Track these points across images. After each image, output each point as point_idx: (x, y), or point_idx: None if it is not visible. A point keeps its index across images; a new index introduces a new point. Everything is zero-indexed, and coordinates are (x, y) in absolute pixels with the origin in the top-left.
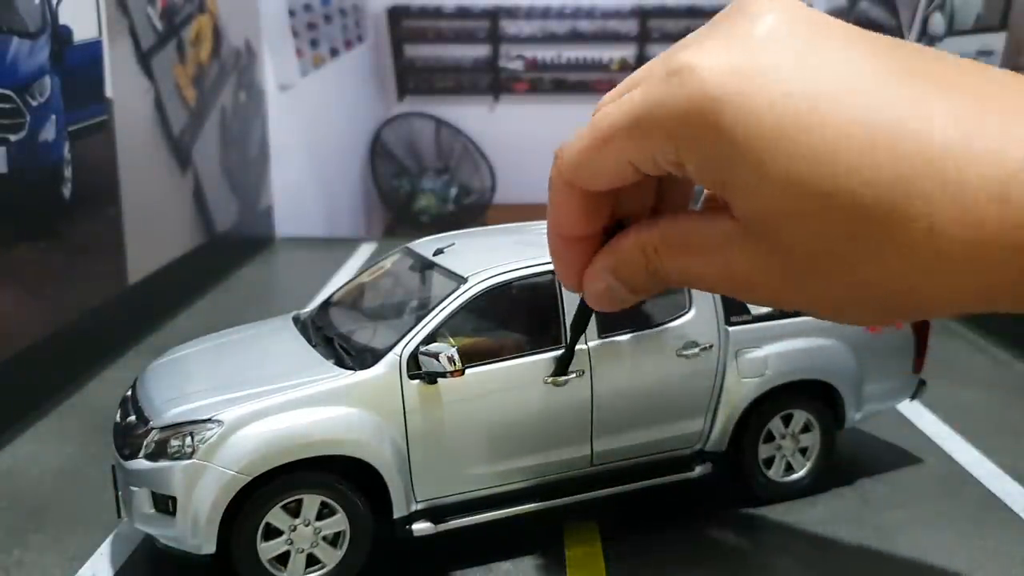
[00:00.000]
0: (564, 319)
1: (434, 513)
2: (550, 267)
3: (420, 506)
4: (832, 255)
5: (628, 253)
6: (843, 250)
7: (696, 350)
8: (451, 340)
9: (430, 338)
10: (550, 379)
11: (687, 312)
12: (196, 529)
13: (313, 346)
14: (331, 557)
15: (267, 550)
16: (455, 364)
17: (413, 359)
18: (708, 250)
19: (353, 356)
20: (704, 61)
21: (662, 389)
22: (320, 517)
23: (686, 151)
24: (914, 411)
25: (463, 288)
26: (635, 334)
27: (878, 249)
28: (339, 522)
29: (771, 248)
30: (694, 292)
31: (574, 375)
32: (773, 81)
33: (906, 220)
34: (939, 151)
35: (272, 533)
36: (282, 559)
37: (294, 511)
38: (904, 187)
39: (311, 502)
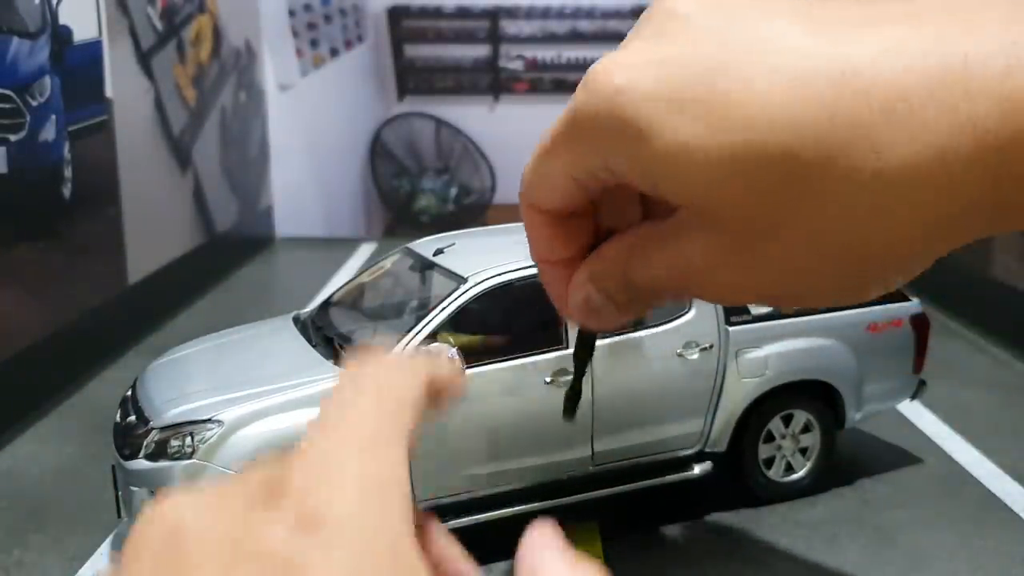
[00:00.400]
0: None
1: (435, 512)
2: None
3: (421, 507)
4: (772, 218)
5: (603, 260)
6: (781, 209)
7: (696, 350)
8: (451, 340)
9: (430, 338)
10: (564, 419)
11: (687, 312)
12: None
13: (313, 346)
14: None
15: None
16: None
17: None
18: (669, 244)
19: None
20: (609, 63)
21: (662, 389)
22: None
23: (609, 154)
24: (914, 411)
25: (463, 288)
26: (635, 334)
27: (818, 196)
28: None
29: (715, 230)
30: None
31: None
32: (674, 61)
33: (842, 151)
34: (869, 82)
35: None
36: None
37: None
38: (831, 120)
39: None
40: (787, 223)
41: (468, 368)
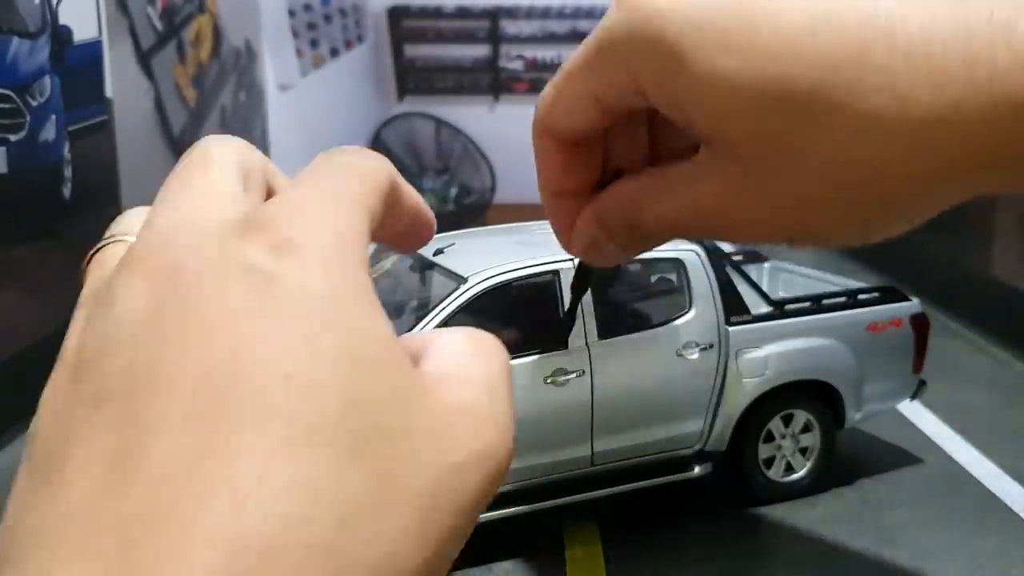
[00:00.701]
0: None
1: None
2: (550, 267)
3: None
4: (788, 150)
5: (612, 200)
6: (798, 139)
7: (696, 350)
8: None
9: None
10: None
11: (687, 312)
12: None
13: None
14: None
15: None
16: None
17: None
18: (679, 185)
19: None
20: None
21: (662, 389)
22: None
23: (640, 73)
24: (914, 411)
25: (463, 288)
26: (635, 334)
27: (837, 132)
28: None
29: (730, 161)
30: (694, 293)
31: (574, 375)
32: None
33: (864, 90)
34: (898, 25)
35: None
36: None
37: None
38: (857, 59)
39: None
40: (805, 156)
41: None
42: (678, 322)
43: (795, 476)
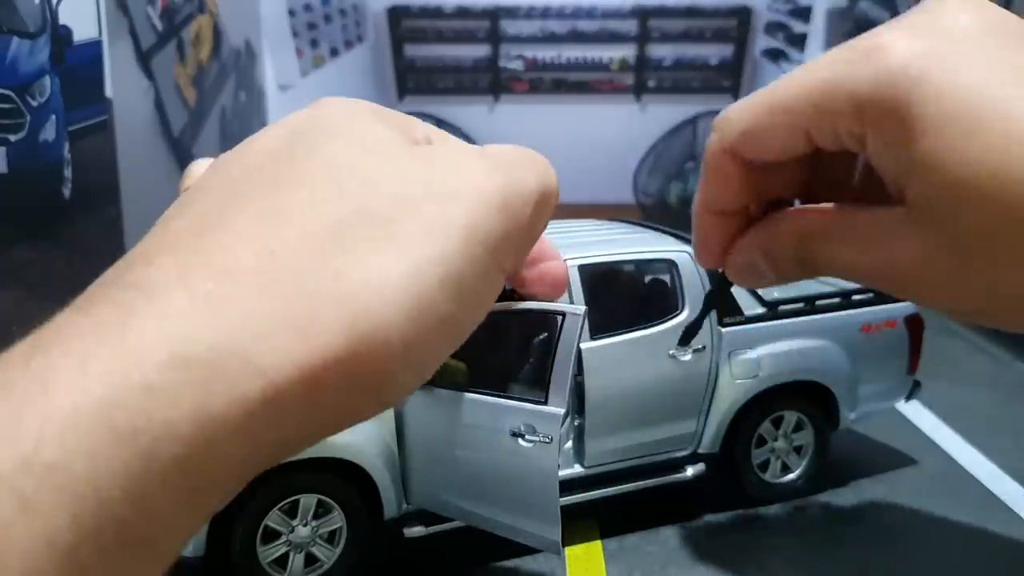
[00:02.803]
0: (559, 328)
1: (427, 515)
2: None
3: (412, 508)
4: (1006, 241)
5: (783, 237)
6: (1016, 236)
7: (688, 351)
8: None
9: None
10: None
11: (680, 313)
12: None
13: None
14: (329, 554)
15: (266, 554)
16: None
17: None
18: (872, 239)
19: None
20: (898, 42)
21: (654, 390)
22: (316, 516)
23: (871, 126)
24: (913, 411)
25: None
26: (628, 335)
27: None
28: (336, 519)
29: (943, 236)
30: (687, 294)
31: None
32: (966, 67)
33: None
34: None
35: (270, 536)
36: (279, 561)
37: (290, 512)
38: None
39: (308, 502)
40: (1014, 256)
41: (464, 391)
42: (671, 323)
43: (790, 477)
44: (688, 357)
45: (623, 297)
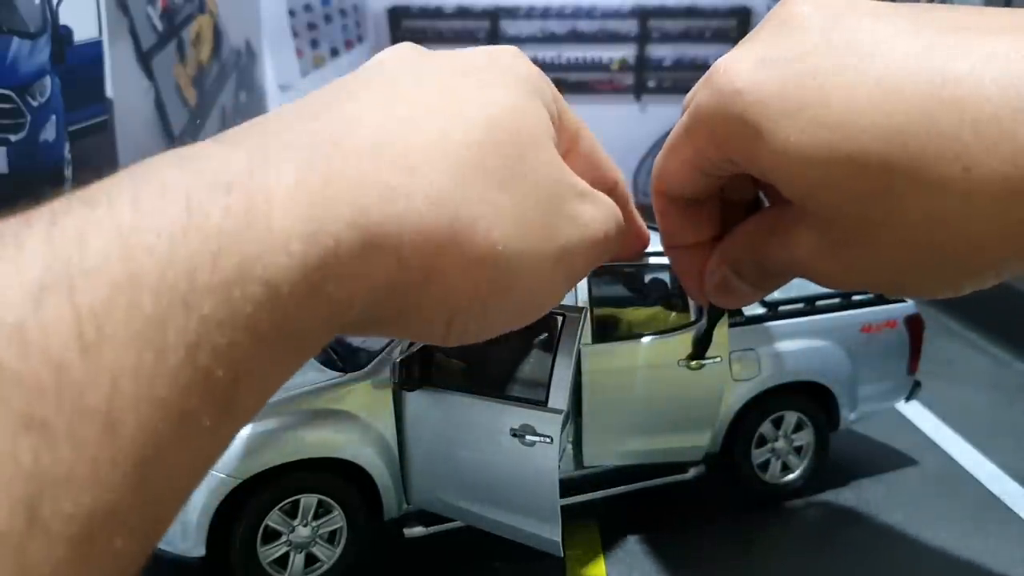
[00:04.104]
0: (559, 328)
1: (427, 515)
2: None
3: (412, 508)
4: (867, 219)
5: (735, 242)
6: (876, 211)
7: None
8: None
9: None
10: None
11: (692, 324)
12: (186, 532)
13: None
14: (329, 554)
15: (267, 554)
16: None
17: (406, 361)
18: (779, 235)
19: (345, 358)
20: (731, 60)
21: (663, 401)
22: (316, 516)
23: (728, 146)
24: (913, 411)
25: None
26: (633, 341)
27: (907, 202)
28: (336, 519)
29: (817, 226)
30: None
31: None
32: (793, 62)
33: (933, 163)
34: (965, 95)
35: (270, 536)
36: (279, 561)
37: (290, 512)
38: (924, 131)
39: (308, 502)
40: (885, 225)
41: (463, 392)
42: (685, 333)
43: (790, 477)
44: (700, 367)
45: (623, 300)
